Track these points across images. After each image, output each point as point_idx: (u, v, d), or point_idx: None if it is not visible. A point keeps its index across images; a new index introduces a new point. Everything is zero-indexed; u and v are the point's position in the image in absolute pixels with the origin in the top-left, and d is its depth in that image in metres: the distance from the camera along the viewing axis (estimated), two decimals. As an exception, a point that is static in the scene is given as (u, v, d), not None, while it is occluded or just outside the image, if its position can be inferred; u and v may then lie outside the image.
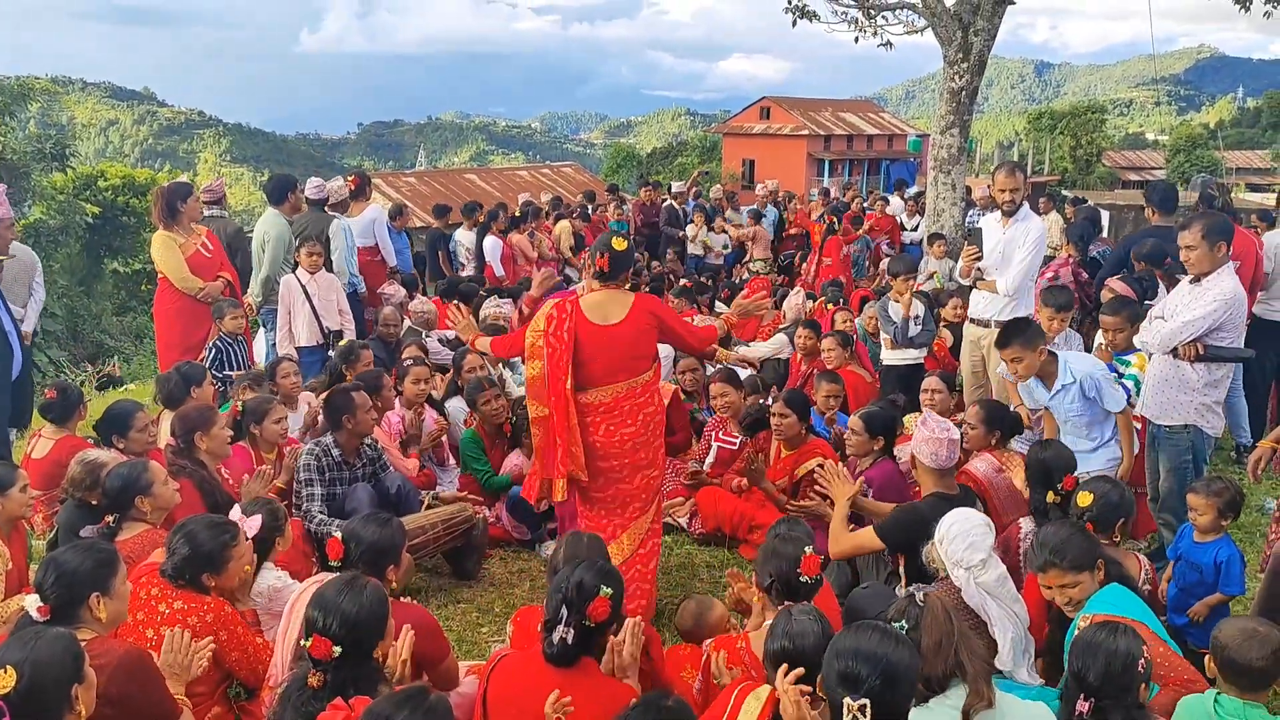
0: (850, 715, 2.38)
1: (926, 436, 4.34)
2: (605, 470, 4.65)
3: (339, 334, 7.52)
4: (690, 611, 4.26)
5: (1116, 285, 6.61)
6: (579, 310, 4.57)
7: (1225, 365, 5.37)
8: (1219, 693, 3.07)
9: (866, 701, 2.38)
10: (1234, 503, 4.36)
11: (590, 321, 4.56)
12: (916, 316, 7.48)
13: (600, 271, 4.62)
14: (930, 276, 10.84)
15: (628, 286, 4.82)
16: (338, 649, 2.81)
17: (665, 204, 15.08)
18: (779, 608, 3.22)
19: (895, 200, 15.70)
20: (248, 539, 3.74)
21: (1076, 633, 3.02)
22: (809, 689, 2.65)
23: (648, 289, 11.21)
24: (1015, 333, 5.01)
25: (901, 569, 4.27)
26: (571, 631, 2.93)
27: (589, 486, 4.69)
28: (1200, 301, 5.31)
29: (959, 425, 5.89)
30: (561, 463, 4.56)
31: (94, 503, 4.30)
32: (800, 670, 2.70)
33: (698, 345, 5.22)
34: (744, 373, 8.13)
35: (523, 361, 4.73)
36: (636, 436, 4.61)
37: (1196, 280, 5.40)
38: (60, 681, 2.47)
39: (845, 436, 5.65)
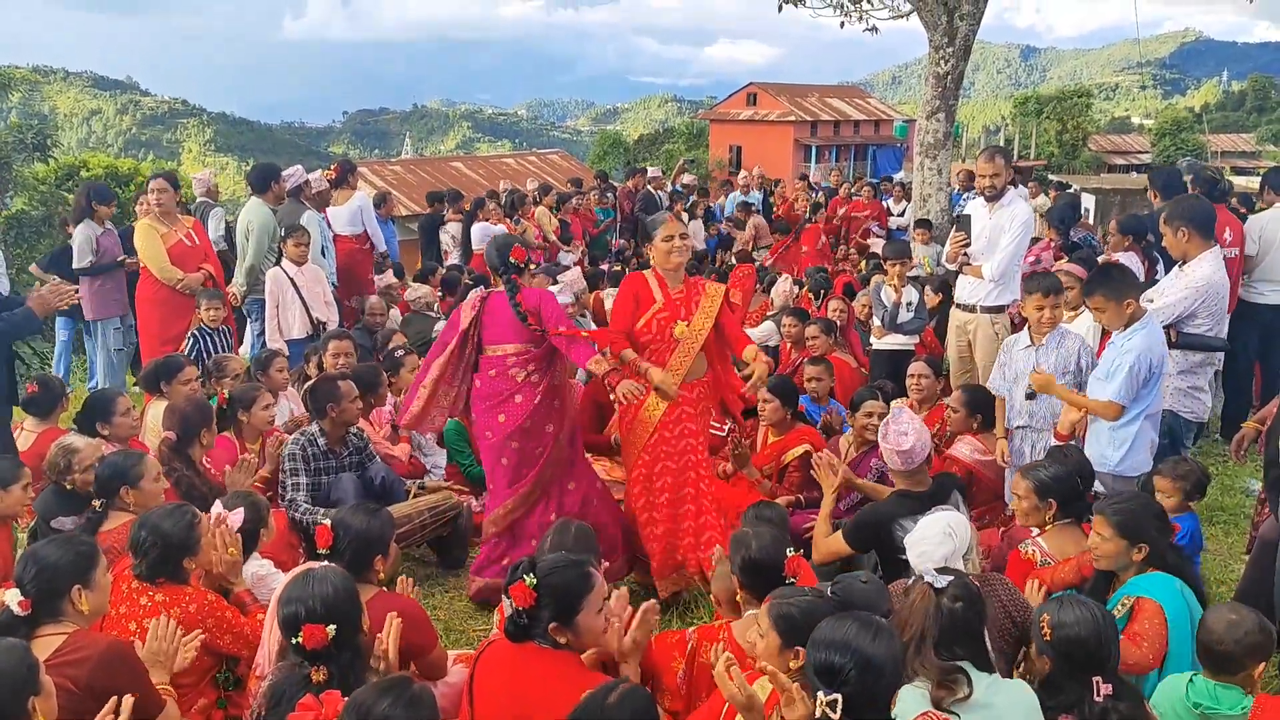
0: (821, 710, 2.35)
1: (884, 447, 4.25)
2: None
3: (325, 325, 7.49)
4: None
5: (1070, 267, 6.63)
6: None
7: (1205, 352, 5.39)
8: (1194, 674, 3.10)
9: (838, 697, 2.34)
10: (1200, 484, 4.41)
11: None
12: (909, 303, 7.45)
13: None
14: (918, 263, 10.84)
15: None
16: (331, 628, 2.81)
17: (641, 191, 14.93)
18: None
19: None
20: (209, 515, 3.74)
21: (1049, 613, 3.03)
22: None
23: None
24: (1100, 281, 4.73)
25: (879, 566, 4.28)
26: (510, 607, 2.95)
27: None
28: (1175, 287, 5.35)
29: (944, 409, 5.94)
30: None
31: (69, 487, 4.35)
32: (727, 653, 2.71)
33: None
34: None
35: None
36: None
37: (1183, 265, 5.44)
38: (15, 695, 2.43)
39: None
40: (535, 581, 2.92)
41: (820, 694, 2.37)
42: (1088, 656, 2.90)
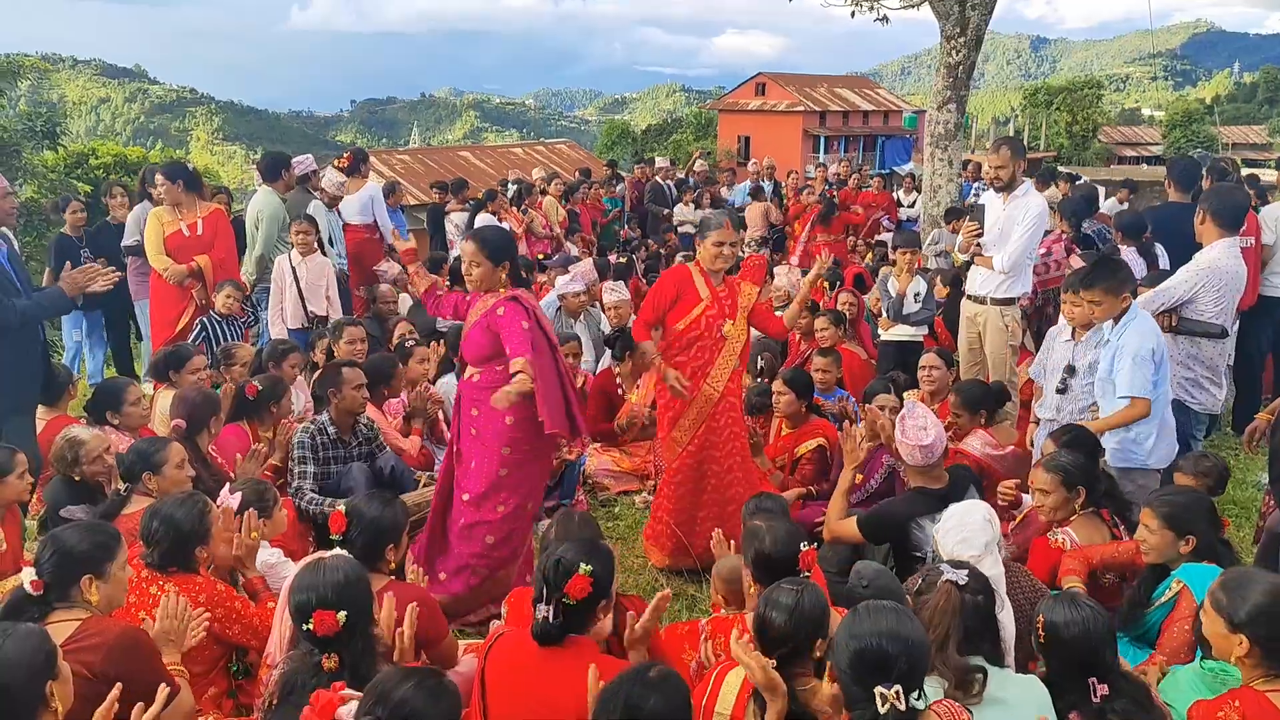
0: (889, 705, 2.27)
1: (901, 441, 4.19)
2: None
3: (324, 319, 7.45)
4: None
5: (1076, 262, 6.60)
6: None
7: (1217, 341, 5.37)
8: (1204, 658, 3.08)
9: (900, 687, 2.28)
10: (1222, 479, 4.40)
11: None
12: (917, 294, 7.41)
13: None
14: (945, 253, 10.76)
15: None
16: (342, 615, 2.81)
17: (649, 182, 14.84)
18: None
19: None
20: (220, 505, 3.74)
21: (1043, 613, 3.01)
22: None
23: (644, 267, 11.17)
24: (1103, 275, 4.61)
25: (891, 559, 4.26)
26: (551, 609, 2.90)
27: None
28: (1179, 273, 5.35)
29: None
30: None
31: (76, 479, 4.38)
32: (747, 635, 2.70)
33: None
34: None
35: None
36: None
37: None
38: (32, 681, 2.43)
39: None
40: (592, 569, 2.91)
41: (880, 689, 2.28)
42: (1079, 659, 2.86)
